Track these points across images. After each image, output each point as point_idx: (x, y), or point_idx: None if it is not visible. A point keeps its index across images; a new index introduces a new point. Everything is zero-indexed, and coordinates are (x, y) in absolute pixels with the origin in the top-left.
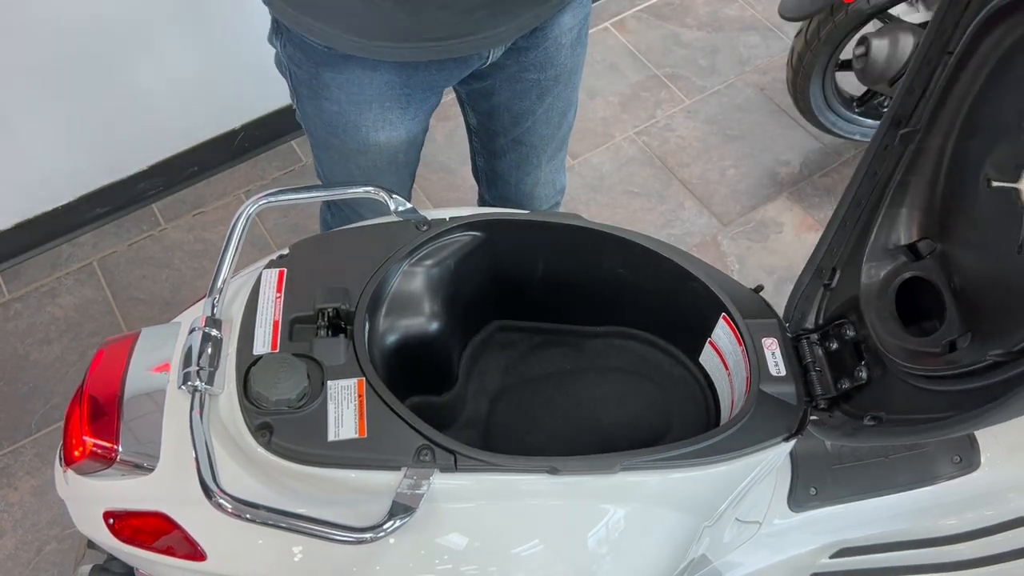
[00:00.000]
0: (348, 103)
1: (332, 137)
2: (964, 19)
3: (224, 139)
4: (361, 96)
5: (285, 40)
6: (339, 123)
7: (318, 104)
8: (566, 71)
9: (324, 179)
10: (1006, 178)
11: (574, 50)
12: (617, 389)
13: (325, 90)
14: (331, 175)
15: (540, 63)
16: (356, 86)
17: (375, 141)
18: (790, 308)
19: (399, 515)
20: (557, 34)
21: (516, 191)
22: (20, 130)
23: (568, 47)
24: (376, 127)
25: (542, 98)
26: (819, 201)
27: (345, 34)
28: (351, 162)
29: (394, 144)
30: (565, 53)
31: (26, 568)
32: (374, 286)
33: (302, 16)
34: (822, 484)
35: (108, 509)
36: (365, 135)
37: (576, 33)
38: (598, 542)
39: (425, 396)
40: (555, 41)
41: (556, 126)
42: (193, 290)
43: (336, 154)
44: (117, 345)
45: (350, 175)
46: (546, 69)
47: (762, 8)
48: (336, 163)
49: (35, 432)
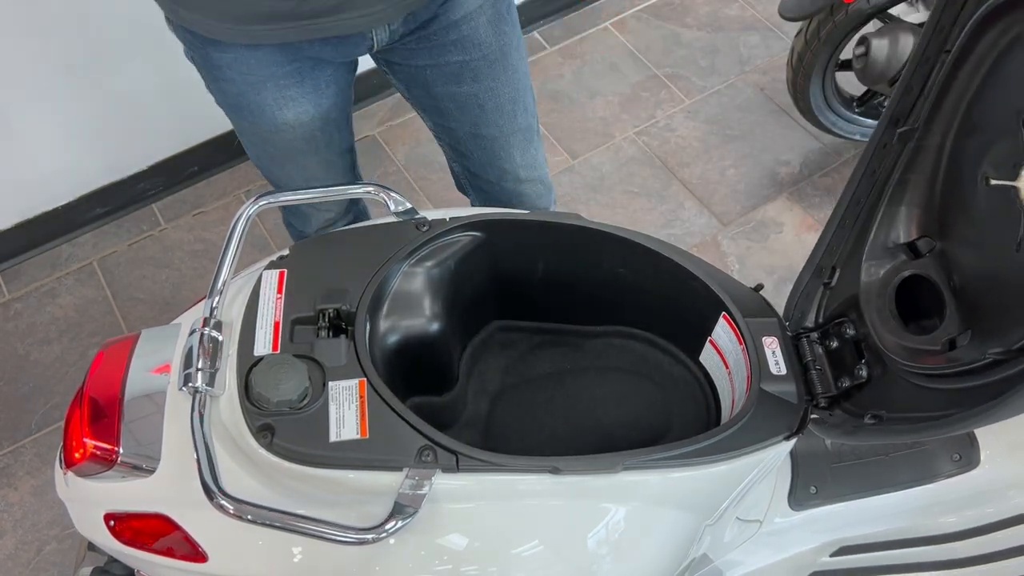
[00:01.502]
0: (243, 83)
1: (242, 120)
2: (961, 17)
3: (224, 139)
4: (253, 76)
5: (175, 26)
6: (242, 104)
7: (219, 86)
8: (494, 51)
9: (258, 167)
10: (1004, 176)
11: (497, 28)
12: (617, 389)
13: (219, 71)
14: (259, 161)
15: (460, 45)
16: (245, 66)
17: (284, 120)
18: (790, 307)
19: (401, 515)
20: (466, 14)
21: (500, 190)
22: (20, 130)
23: (487, 25)
24: (279, 105)
25: (478, 80)
26: (819, 201)
27: (217, 22)
28: (269, 144)
29: (305, 122)
30: (484, 32)
31: (26, 568)
32: (375, 287)
33: (176, 6)
34: (822, 482)
35: (109, 511)
36: (272, 115)
37: (492, 12)
38: (599, 542)
39: (426, 396)
40: (468, 21)
41: (511, 114)
42: (193, 290)
43: (254, 137)
44: (117, 347)
45: (272, 158)
46: (469, 51)
47: (762, 8)
48: (256, 146)
49: (35, 432)
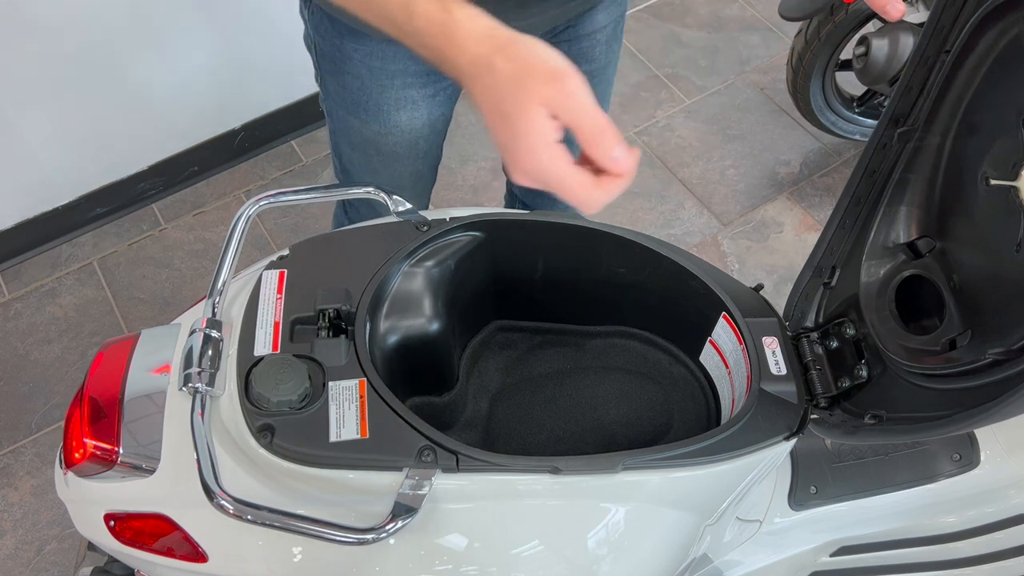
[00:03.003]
0: (370, 78)
1: (353, 117)
2: (961, 17)
3: (224, 139)
4: (383, 70)
5: (313, 7)
6: (360, 101)
7: (340, 80)
8: (601, 66)
9: (342, 170)
10: (1004, 176)
11: (610, 46)
12: (617, 388)
13: (348, 63)
14: (350, 164)
15: (576, 58)
16: (379, 59)
17: (396, 122)
18: (790, 307)
19: (401, 516)
20: (592, 30)
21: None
22: (20, 130)
23: (604, 43)
24: (398, 105)
25: None
26: (819, 201)
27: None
28: (371, 146)
29: (416, 127)
30: (600, 49)
31: (27, 568)
32: (375, 287)
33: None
34: (822, 482)
35: (109, 511)
36: (387, 115)
37: (612, 30)
38: (599, 542)
39: (426, 397)
40: (591, 38)
41: None
42: (193, 290)
43: (357, 137)
44: (117, 347)
45: (369, 162)
46: (582, 64)
47: (762, 8)
48: (356, 148)
49: (35, 432)
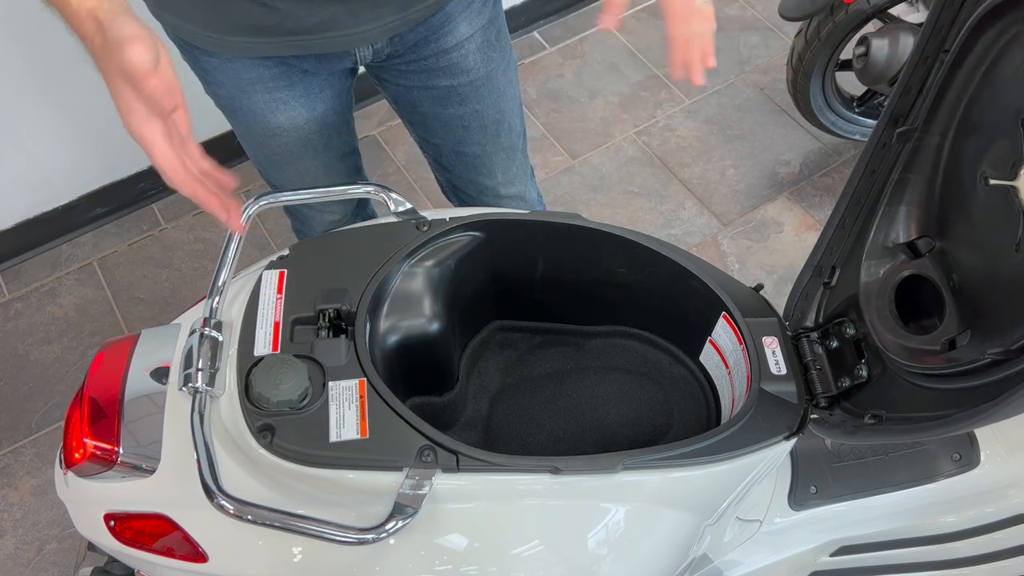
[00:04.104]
0: (233, 87)
1: (236, 123)
2: (959, 17)
3: (224, 139)
4: (241, 80)
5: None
6: (235, 108)
7: (211, 89)
8: (481, 76)
9: (257, 168)
10: (1003, 176)
11: (485, 55)
12: (617, 388)
13: (209, 75)
14: (257, 164)
15: (449, 71)
16: (232, 72)
17: (277, 124)
18: (790, 307)
19: (401, 516)
20: (457, 42)
21: (480, 203)
22: (20, 130)
23: (476, 52)
24: (269, 108)
25: (464, 103)
26: (819, 201)
27: (201, 30)
28: (265, 147)
29: (300, 125)
30: (473, 58)
31: (27, 568)
32: (375, 287)
33: (161, 11)
34: (822, 482)
35: (109, 511)
36: (264, 118)
37: (481, 40)
38: (599, 542)
39: (426, 397)
40: (459, 49)
41: (494, 134)
42: (193, 290)
43: (250, 140)
44: (117, 347)
45: (270, 161)
46: (457, 76)
47: (762, 8)
48: (254, 150)
49: (35, 432)
